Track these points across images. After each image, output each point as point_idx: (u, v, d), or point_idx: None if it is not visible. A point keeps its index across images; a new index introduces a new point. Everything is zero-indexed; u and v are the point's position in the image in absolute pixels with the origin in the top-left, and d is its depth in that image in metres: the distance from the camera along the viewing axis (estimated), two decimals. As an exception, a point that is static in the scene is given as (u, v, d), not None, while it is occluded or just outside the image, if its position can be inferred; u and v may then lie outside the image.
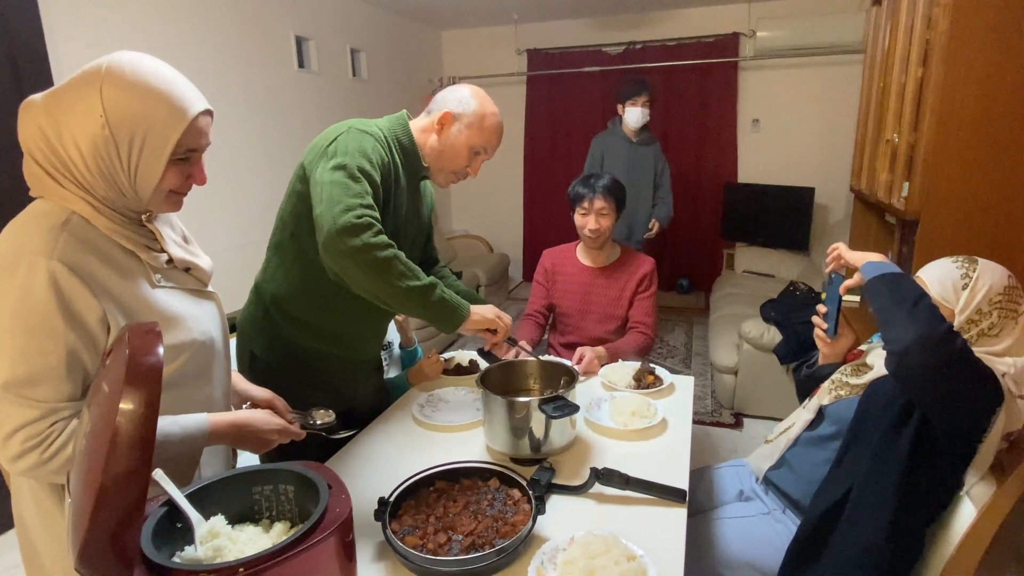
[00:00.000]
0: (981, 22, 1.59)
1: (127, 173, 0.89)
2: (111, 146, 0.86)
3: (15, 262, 0.83)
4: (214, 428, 0.98)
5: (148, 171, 0.89)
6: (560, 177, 5.10)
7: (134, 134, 0.87)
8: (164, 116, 0.88)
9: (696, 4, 4.41)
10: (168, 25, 2.62)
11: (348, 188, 1.19)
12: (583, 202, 2.09)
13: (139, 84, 0.87)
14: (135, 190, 0.91)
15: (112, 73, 0.86)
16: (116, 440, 0.65)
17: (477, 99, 1.40)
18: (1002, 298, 1.18)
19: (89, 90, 0.86)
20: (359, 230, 1.16)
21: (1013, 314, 1.18)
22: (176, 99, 0.89)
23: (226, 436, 1.02)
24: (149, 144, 0.88)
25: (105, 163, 0.87)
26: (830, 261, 1.42)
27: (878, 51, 2.30)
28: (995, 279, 1.19)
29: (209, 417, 0.99)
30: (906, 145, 1.87)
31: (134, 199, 0.92)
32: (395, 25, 4.51)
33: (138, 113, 0.86)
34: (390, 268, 1.18)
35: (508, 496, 1.10)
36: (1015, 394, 1.15)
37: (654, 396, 1.61)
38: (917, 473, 1.17)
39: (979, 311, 1.18)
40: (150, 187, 0.91)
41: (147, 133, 0.87)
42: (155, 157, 0.89)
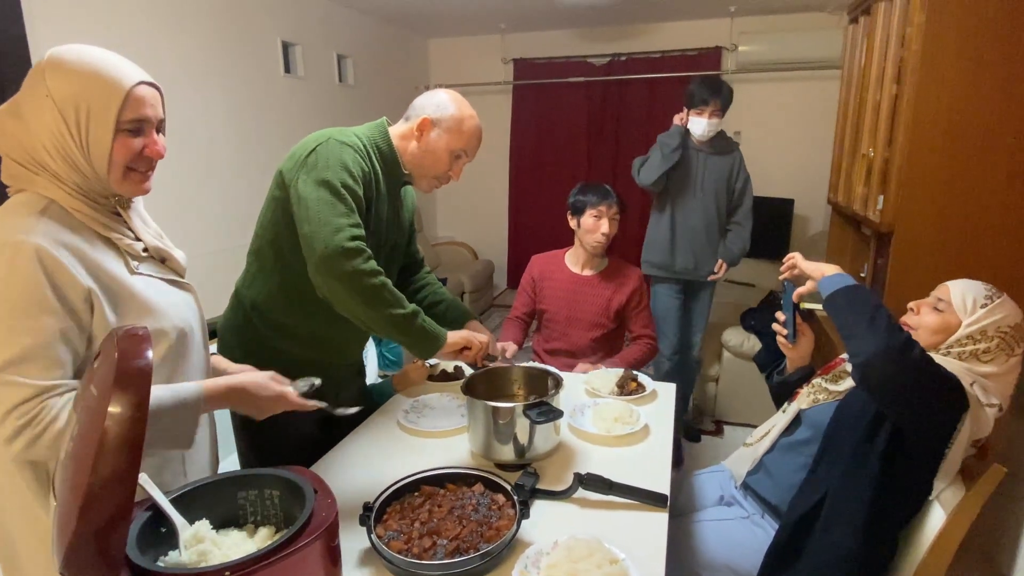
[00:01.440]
0: (952, 43, 1.65)
1: (80, 148, 0.92)
2: (62, 125, 0.90)
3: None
4: (209, 393, 1.00)
5: (97, 143, 0.92)
6: (545, 185, 5.14)
7: (78, 108, 0.90)
8: (102, 86, 0.91)
9: (680, 18, 4.49)
10: (153, 28, 2.61)
11: (334, 207, 1.22)
12: (598, 206, 2.12)
13: (76, 62, 0.91)
14: (92, 166, 0.93)
15: (52, 61, 0.91)
16: (104, 443, 0.65)
17: (455, 103, 1.41)
18: (1009, 331, 1.22)
19: (36, 81, 0.91)
20: (351, 255, 1.19)
21: (1009, 350, 1.22)
22: (112, 71, 0.93)
23: (222, 400, 1.03)
24: (93, 116, 0.91)
25: (61, 143, 0.91)
26: (785, 270, 1.46)
27: (855, 68, 2.37)
28: (1011, 314, 1.23)
29: (204, 383, 1.01)
30: (881, 160, 1.92)
31: (95, 178, 0.94)
32: (382, 32, 4.53)
33: (78, 88, 0.90)
34: (377, 296, 1.23)
35: (493, 501, 1.11)
36: (983, 402, 1.19)
37: (637, 403, 1.64)
38: (889, 480, 1.20)
39: (983, 332, 1.22)
40: (103, 159, 0.93)
41: (89, 105, 0.90)
42: (101, 128, 0.92)
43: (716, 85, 2.52)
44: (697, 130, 2.59)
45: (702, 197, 2.67)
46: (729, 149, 2.70)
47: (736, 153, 2.71)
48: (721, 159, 2.68)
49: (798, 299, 1.42)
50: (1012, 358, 1.22)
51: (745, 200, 2.74)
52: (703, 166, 2.68)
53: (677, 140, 2.57)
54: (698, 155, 2.67)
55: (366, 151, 1.36)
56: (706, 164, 2.67)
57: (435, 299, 1.66)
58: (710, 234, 2.71)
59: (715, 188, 2.67)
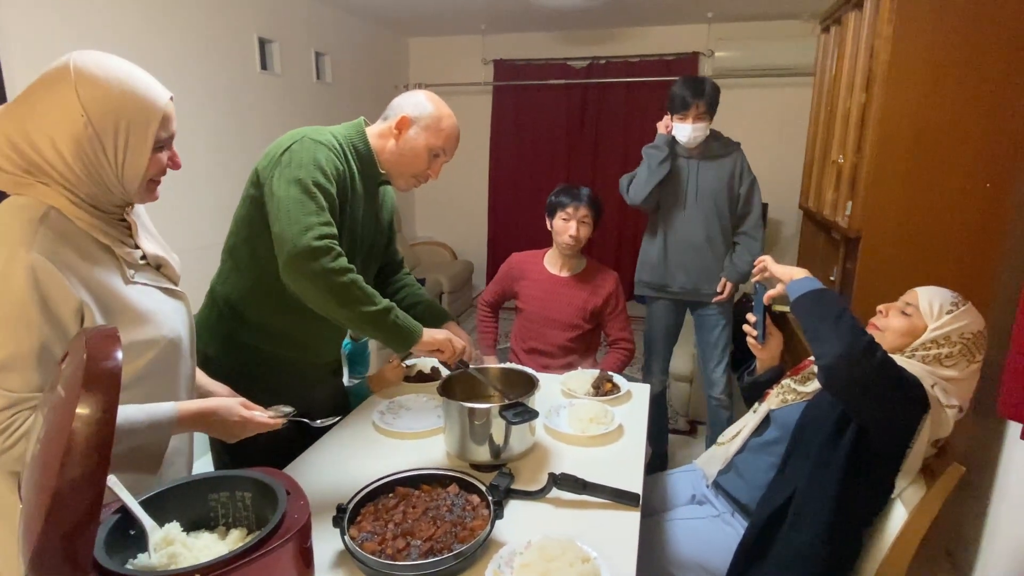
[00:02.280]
0: (917, 55, 1.70)
1: (114, 167, 0.91)
2: (96, 143, 0.88)
3: None
4: (182, 415, 1.00)
5: (135, 162, 0.92)
6: (525, 186, 5.15)
7: (117, 128, 0.89)
8: (141, 107, 0.91)
9: (658, 23, 4.54)
10: (127, 23, 2.56)
11: (304, 205, 1.22)
12: (566, 208, 2.14)
13: (112, 79, 0.89)
14: (122, 183, 0.93)
15: (83, 73, 0.88)
16: (72, 445, 0.64)
17: (432, 102, 1.43)
18: (971, 339, 1.27)
19: (63, 92, 0.87)
20: (319, 254, 1.19)
21: (970, 356, 1.27)
22: (148, 89, 0.93)
23: (194, 423, 1.03)
24: (133, 136, 0.91)
25: (91, 160, 0.89)
26: (756, 273, 1.49)
27: (826, 76, 2.43)
28: (974, 321, 1.28)
29: (178, 405, 1.00)
30: (850, 166, 1.97)
31: (120, 192, 0.94)
32: (361, 30, 4.50)
33: (118, 107, 0.89)
34: (347, 294, 1.23)
35: (467, 502, 1.11)
36: (943, 404, 1.24)
37: (611, 403, 1.66)
38: (854, 479, 1.24)
39: (947, 337, 1.27)
40: (137, 178, 0.94)
41: (129, 125, 0.90)
42: (140, 147, 0.92)
43: (698, 86, 2.26)
44: (682, 136, 2.31)
45: (697, 209, 2.38)
46: (726, 151, 2.39)
47: (736, 155, 2.39)
48: (717, 164, 2.38)
49: (769, 301, 1.46)
50: (972, 364, 1.27)
51: (752, 207, 2.40)
52: (695, 175, 2.39)
53: (664, 151, 2.33)
54: (688, 163, 2.39)
55: (341, 150, 1.36)
56: (698, 172, 2.38)
57: (413, 300, 1.66)
58: (714, 248, 2.40)
59: (713, 197, 2.36)
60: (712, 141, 2.38)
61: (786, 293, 1.34)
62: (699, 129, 2.29)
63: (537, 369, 2.07)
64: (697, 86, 2.26)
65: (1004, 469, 1.73)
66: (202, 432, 1.08)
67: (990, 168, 1.69)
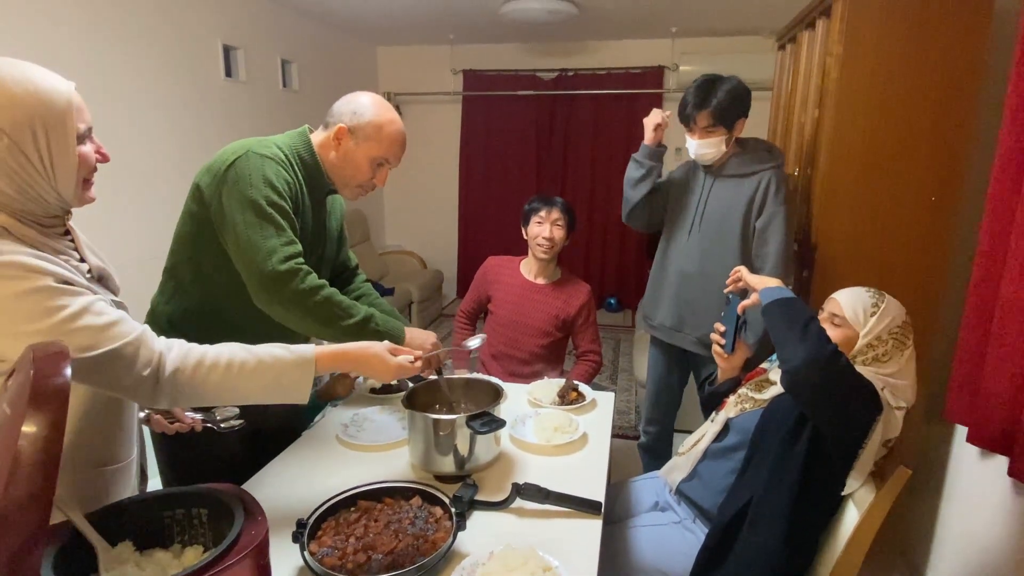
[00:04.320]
0: (866, 73, 1.78)
1: (44, 174, 0.86)
2: (18, 155, 0.83)
3: None
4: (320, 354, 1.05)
5: (63, 163, 0.87)
6: (495, 195, 5.18)
7: (35, 133, 0.84)
8: (51, 104, 0.85)
9: (625, 36, 4.64)
10: (87, 29, 2.50)
11: (262, 228, 1.19)
12: (540, 212, 2.18)
13: (10, 82, 0.83)
14: (56, 189, 0.88)
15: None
16: (18, 463, 0.63)
17: (372, 108, 1.35)
18: (899, 331, 1.34)
19: None
20: (286, 279, 1.18)
21: (902, 346, 1.34)
22: (51, 84, 0.87)
23: (339, 362, 1.09)
24: (53, 137, 0.85)
25: (18, 174, 0.84)
26: (730, 283, 1.54)
27: (783, 91, 2.51)
28: (897, 314, 1.35)
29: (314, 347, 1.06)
30: (804, 179, 2.04)
31: (56, 199, 0.89)
32: (329, 37, 4.47)
33: (28, 112, 0.83)
34: (325, 312, 1.22)
35: (430, 514, 1.11)
36: (892, 406, 1.29)
37: (576, 412, 1.67)
38: (810, 481, 1.28)
39: (879, 338, 1.33)
40: (71, 179, 0.89)
41: (47, 126, 0.85)
42: (64, 147, 0.87)
43: (704, 92, 1.80)
44: (690, 151, 1.92)
45: (699, 235, 1.95)
46: (750, 169, 1.87)
47: (764, 175, 1.84)
48: (734, 184, 1.89)
49: (742, 311, 1.50)
50: (906, 351, 1.34)
51: (769, 247, 1.85)
52: (706, 194, 1.94)
53: (643, 168, 1.96)
54: (704, 179, 1.95)
55: (288, 161, 1.32)
56: (711, 191, 1.93)
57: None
58: (707, 283, 1.93)
59: (719, 223, 1.91)
60: (735, 156, 1.90)
61: (759, 303, 1.38)
62: (708, 146, 1.84)
63: (504, 377, 2.08)
64: (702, 93, 1.80)
65: (952, 471, 1.80)
66: (349, 369, 1.13)
67: (935, 182, 1.78)
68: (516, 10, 3.60)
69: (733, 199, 1.90)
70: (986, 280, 1.46)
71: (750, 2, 3.59)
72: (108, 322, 0.87)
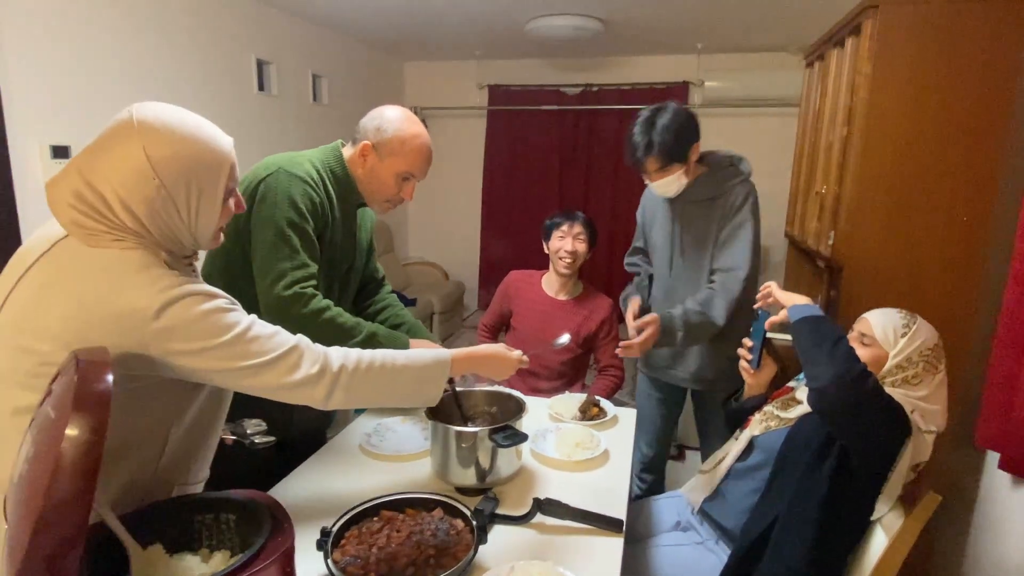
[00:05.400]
0: (896, 92, 1.76)
1: (188, 223, 0.92)
2: (169, 204, 0.89)
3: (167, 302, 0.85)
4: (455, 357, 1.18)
5: (207, 216, 0.94)
6: (517, 208, 5.21)
7: (189, 186, 0.89)
8: (210, 162, 0.91)
9: (650, 52, 4.65)
10: (128, 42, 2.59)
11: (278, 251, 1.24)
12: (561, 227, 2.20)
13: (178, 136, 0.88)
14: (195, 237, 0.95)
15: (149, 133, 0.86)
16: (59, 466, 0.65)
17: (396, 123, 1.37)
18: (930, 354, 1.31)
19: (131, 151, 0.85)
20: (290, 304, 1.23)
21: (933, 370, 1.32)
22: (215, 142, 0.92)
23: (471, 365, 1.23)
24: (205, 193, 0.91)
25: (163, 220, 0.89)
26: (760, 298, 1.52)
27: (810, 109, 2.49)
28: (928, 336, 1.33)
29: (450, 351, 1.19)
30: (832, 198, 2.02)
31: (191, 244, 0.96)
32: (358, 53, 4.57)
33: (189, 166, 0.88)
34: (328, 334, 1.24)
35: (452, 526, 1.12)
36: (922, 429, 1.27)
37: (598, 428, 1.67)
38: (836, 503, 1.26)
39: (909, 359, 1.31)
40: (210, 230, 0.96)
41: (201, 184, 0.91)
42: (211, 202, 0.93)
43: (644, 136, 1.70)
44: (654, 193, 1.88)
45: (682, 267, 1.87)
46: (719, 190, 1.79)
47: (732, 191, 1.78)
48: (704, 208, 1.80)
49: (770, 327, 1.48)
50: (937, 375, 1.32)
51: (727, 249, 1.76)
52: (678, 223, 1.86)
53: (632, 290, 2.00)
54: (673, 207, 1.87)
55: (319, 177, 1.35)
56: (681, 219, 1.85)
57: (396, 321, 1.67)
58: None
59: (697, 252, 1.83)
60: (701, 177, 1.81)
61: (787, 320, 1.37)
62: (668, 184, 1.76)
63: (526, 391, 2.08)
64: (643, 137, 1.70)
65: (983, 497, 1.75)
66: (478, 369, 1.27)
67: (967, 203, 1.75)
68: (542, 27, 3.64)
69: (706, 224, 1.80)
70: (1019, 302, 1.42)
71: (776, 19, 3.58)
72: (273, 331, 0.96)
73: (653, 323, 1.69)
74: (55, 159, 2.30)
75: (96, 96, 2.47)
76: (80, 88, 2.40)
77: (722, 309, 1.71)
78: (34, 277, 0.87)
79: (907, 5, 1.72)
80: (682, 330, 1.70)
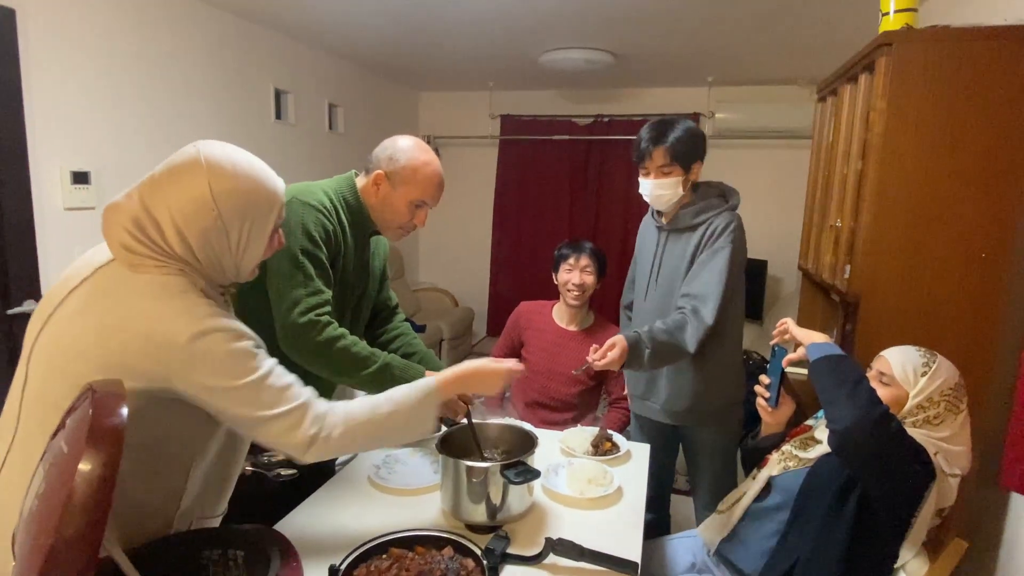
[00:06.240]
0: (912, 127, 1.76)
1: (234, 255, 0.97)
2: (222, 235, 0.94)
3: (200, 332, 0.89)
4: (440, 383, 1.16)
5: (254, 250, 0.99)
6: (527, 236, 5.23)
7: (243, 221, 0.96)
8: (265, 199, 0.98)
9: (660, 84, 4.71)
10: (148, 71, 2.66)
11: (292, 278, 1.26)
12: (568, 259, 2.20)
13: (241, 176, 0.95)
14: (238, 268, 0.99)
15: (214, 166, 0.93)
16: (71, 502, 0.64)
17: (408, 152, 1.40)
18: (951, 393, 1.28)
19: (196, 184, 0.91)
20: (305, 331, 1.24)
21: (955, 410, 1.28)
22: (271, 182, 1.00)
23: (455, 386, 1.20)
24: (256, 227, 0.98)
25: (214, 249, 0.95)
26: (776, 335, 1.50)
27: (823, 143, 2.49)
28: (949, 375, 1.30)
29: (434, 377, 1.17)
30: (848, 231, 2.01)
31: (234, 275, 1.00)
32: (374, 83, 4.66)
33: (247, 201, 0.95)
34: (341, 363, 1.27)
35: (462, 566, 1.09)
36: (946, 472, 1.23)
37: (611, 463, 1.64)
38: (858, 548, 1.22)
39: (930, 399, 1.28)
40: (254, 263, 1.01)
41: (254, 218, 0.97)
42: (260, 237, 0.99)
43: (660, 129, 1.71)
44: (644, 194, 1.81)
45: (656, 295, 1.84)
46: (701, 218, 1.75)
47: (713, 220, 1.75)
48: (685, 238, 1.77)
49: (787, 365, 1.46)
50: (960, 414, 1.28)
51: (700, 276, 1.71)
52: (660, 251, 1.84)
53: None
54: (659, 236, 1.86)
55: (332, 206, 1.38)
56: (664, 248, 1.82)
57: (408, 351, 1.67)
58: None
59: (670, 281, 1.80)
60: (687, 207, 1.78)
61: (806, 357, 1.35)
62: (663, 187, 1.72)
63: (536, 424, 2.05)
64: (658, 129, 1.72)
65: (1009, 541, 1.69)
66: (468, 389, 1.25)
67: (985, 238, 1.73)
68: (555, 59, 3.70)
69: (683, 252, 1.77)
70: (1044, 341, 1.40)
71: (786, 52, 3.62)
72: (285, 384, 0.97)
73: (618, 343, 1.61)
74: (75, 184, 2.34)
75: (117, 123, 2.53)
76: (101, 116, 2.46)
77: (693, 336, 1.65)
78: (75, 299, 0.90)
79: (921, 43, 1.73)
80: (649, 347, 1.63)
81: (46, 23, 2.22)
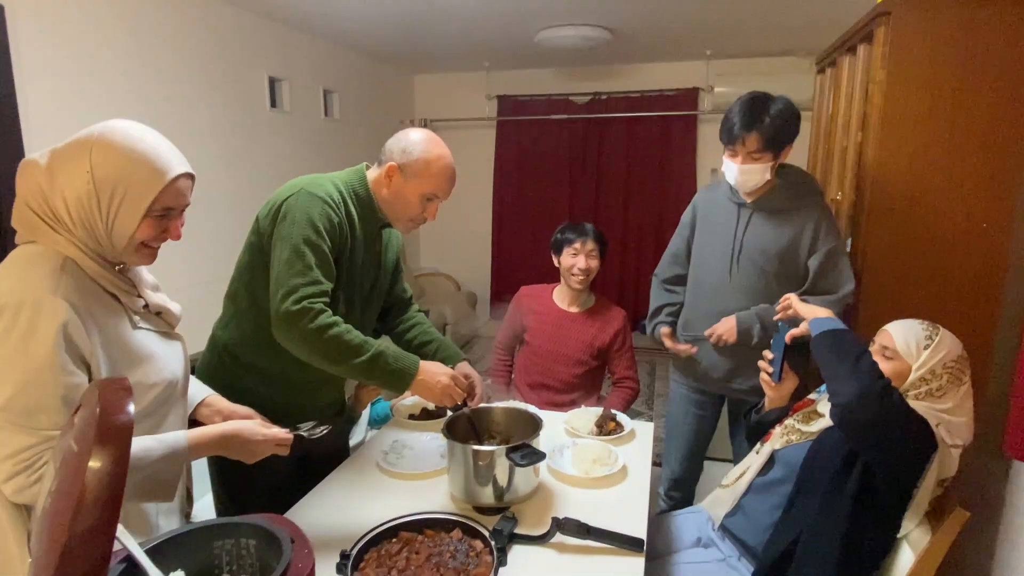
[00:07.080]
0: (911, 98, 1.74)
1: (104, 224, 0.97)
2: (93, 199, 0.96)
3: (21, 300, 0.90)
4: (195, 442, 1.05)
5: (123, 224, 0.98)
6: (528, 217, 5.22)
7: (114, 191, 0.96)
8: (144, 176, 0.97)
9: (659, 59, 4.65)
10: (142, 61, 2.64)
11: (292, 266, 1.26)
12: (573, 244, 2.18)
13: (125, 147, 0.96)
14: (110, 240, 0.99)
15: (103, 138, 0.96)
16: (83, 499, 0.65)
17: (422, 145, 1.40)
18: (954, 365, 1.28)
19: (81, 152, 0.96)
20: (297, 317, 1.23)
21: (958, 382, 1.28)
22: (158, 162, 0.98)
23: (211, 447, 1.09)
24: (127, 200, 0.97)
25: (86, 212, 0.96)
26: (780, 311, 1.50)
27: (823, 115, 2.47)
28: (952, 348, 1.29)
29: (187, 433, 1.06)
30: (849, 204, 2.00)
31: (109, 248, 1.00)
32: (368, 67, 4.61)
33: (121, 173, 0.96)
34: (332, 351, 1.26)
35: (471, 547, 1.11)
36: (948, 443, 1.24)
37: (615, 443, 1.65)
38: (861, 520, 1.23)
39: (932, 372, 1.28)
40: (124, 238, 0.99)
41: (126, 191, 0.97)
42: (131, 212, 0.98)
43: (755, 112, 1.64)
44: (729, 177, 1.75)
45: (739, 274, 1.79)
46: (796, 204, 1.73)
47: (811, 210, 1.72)
48: (777, 220, 1.74)
49: (791, 340, 1.47)
50: (962, 386, 1.29)
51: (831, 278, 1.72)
52: (743, 228, 1.77)
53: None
54: (740, 212, 1.78)
55: (341, 198, 1.38)
56: (748, 225, 1.76)
57: (425, 339, 1.67)
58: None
59: (761, 262, 1.75)
60: (777, 188, 1.73)
61: (808, 332, 1.35)
62: (752, 172, 1.67)
63: (541, 405, 2.07)
64: (753, 112, 1.64)
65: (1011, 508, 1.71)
66: (220, 455, 1.11)
67: (987, 209, 1.72)
68: (551, 37, 3.65)
69: (777, 235, 1.73)
70: (1046, 311, 1.40)
71: (785, 24, 3.57)
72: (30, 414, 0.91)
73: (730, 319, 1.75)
74: (73, 180, 2.34)
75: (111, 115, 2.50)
76: (95, 107, 2.45)
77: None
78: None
79: (919, 12, 1.71)
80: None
81: (36, 17, 2.20)
